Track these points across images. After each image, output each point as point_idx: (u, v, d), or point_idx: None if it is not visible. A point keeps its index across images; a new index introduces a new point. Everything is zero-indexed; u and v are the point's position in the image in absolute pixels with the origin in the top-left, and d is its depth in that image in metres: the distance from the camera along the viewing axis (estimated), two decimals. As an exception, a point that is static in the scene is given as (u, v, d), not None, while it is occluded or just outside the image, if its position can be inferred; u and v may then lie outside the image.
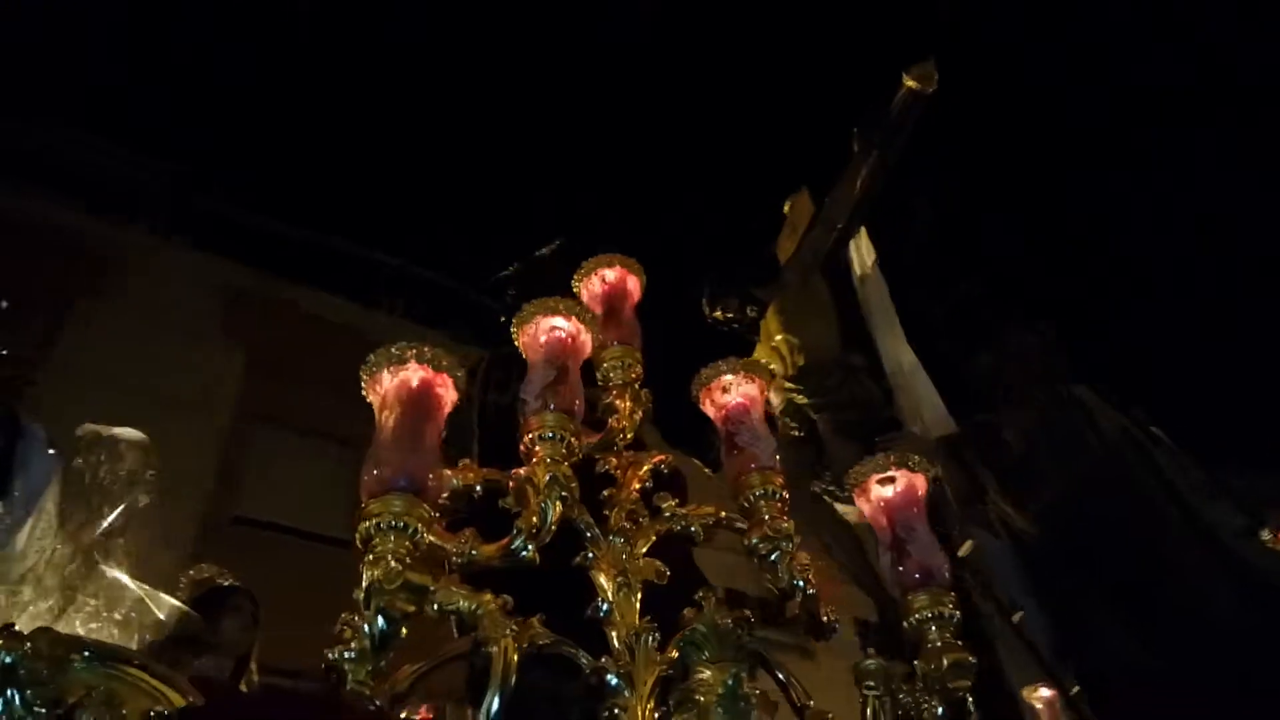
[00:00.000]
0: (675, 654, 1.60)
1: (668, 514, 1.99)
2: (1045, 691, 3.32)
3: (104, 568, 1.89)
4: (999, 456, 2.72)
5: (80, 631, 1.82)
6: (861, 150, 4.66)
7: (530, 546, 1.61)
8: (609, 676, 1.65)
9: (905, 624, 1.78)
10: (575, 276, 2.37)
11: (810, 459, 3.91)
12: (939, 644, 1.75)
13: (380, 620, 1.35)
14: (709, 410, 2.15)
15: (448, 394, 1.65)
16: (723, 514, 2.01)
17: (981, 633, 3.34)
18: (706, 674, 1.51)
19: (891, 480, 1.95)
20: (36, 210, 7.22)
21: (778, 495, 1.95)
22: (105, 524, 1.89)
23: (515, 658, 1.46)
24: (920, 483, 1.96)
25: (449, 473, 1.76)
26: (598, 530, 1.90)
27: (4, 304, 3.21)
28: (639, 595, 1.85)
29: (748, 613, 1.72)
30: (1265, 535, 2.39)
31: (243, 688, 2.62)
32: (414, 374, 1.61)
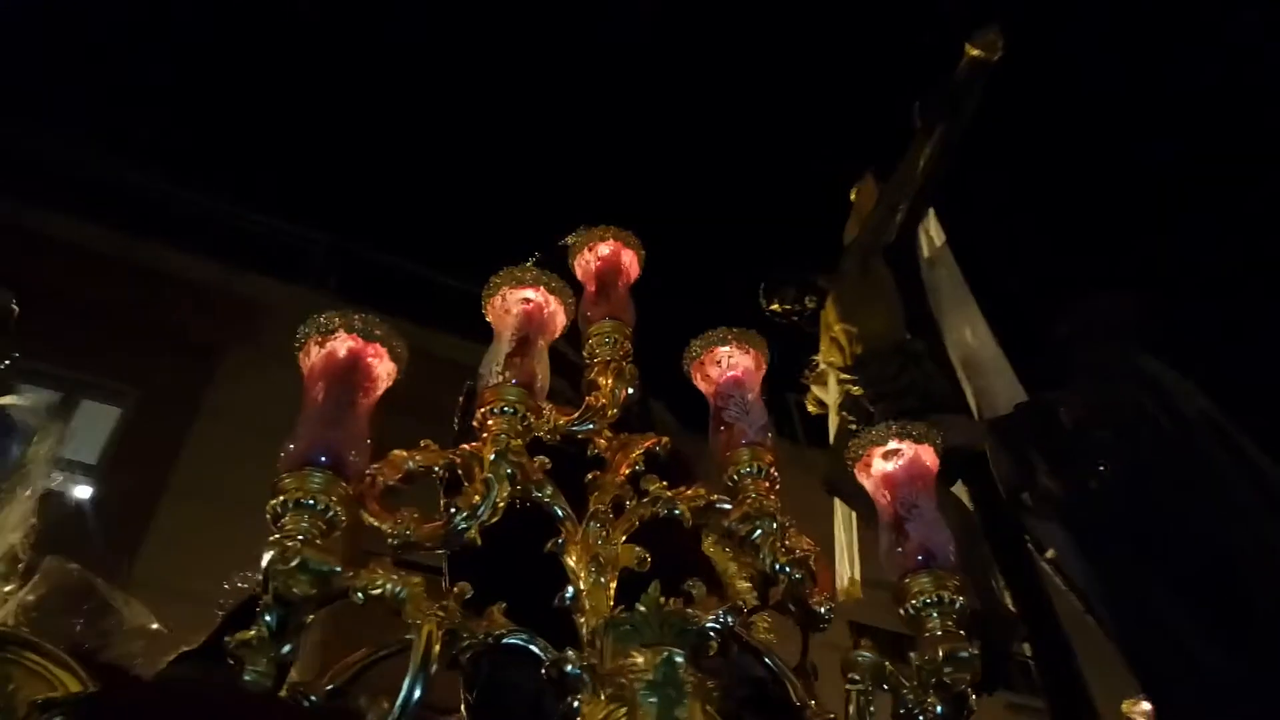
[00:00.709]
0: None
1: (650, 498, 1.84)
2: (1146, 705, 3.01)
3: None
4: (1051, 436, 2.46)
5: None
6: (923, 128, 4.40)
7: (469, 526, 1.49)
8: (568, 668, 1.51)
9: (902, 610, 1.59)
10: (571, 250, 2.26)
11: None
12: (939, 633, 1.55)
13: (276, 605, 1.24)
14: (700, 385, 2.00)
15: (381, 365, 1.55)
16: (713, 496, 1.85)
17: (1063, 640, 3.07)
18: (639, 659, 1.35)
19: (895, 453, 1.76)
20: (188, 265, 7.60)
21: (765, 473, 1.78)
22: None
23: (438, 645, 1.33)
24: (927, 455, 1.77)
25: (403, 453, 1.66)
26: (570, 513, 1.77)
27: None
28: (613, 582, 1.71)
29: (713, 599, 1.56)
30: None
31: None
32: (341, 344, 1.52)
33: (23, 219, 7.43)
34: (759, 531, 1.69)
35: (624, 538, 1.78)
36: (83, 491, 5.94)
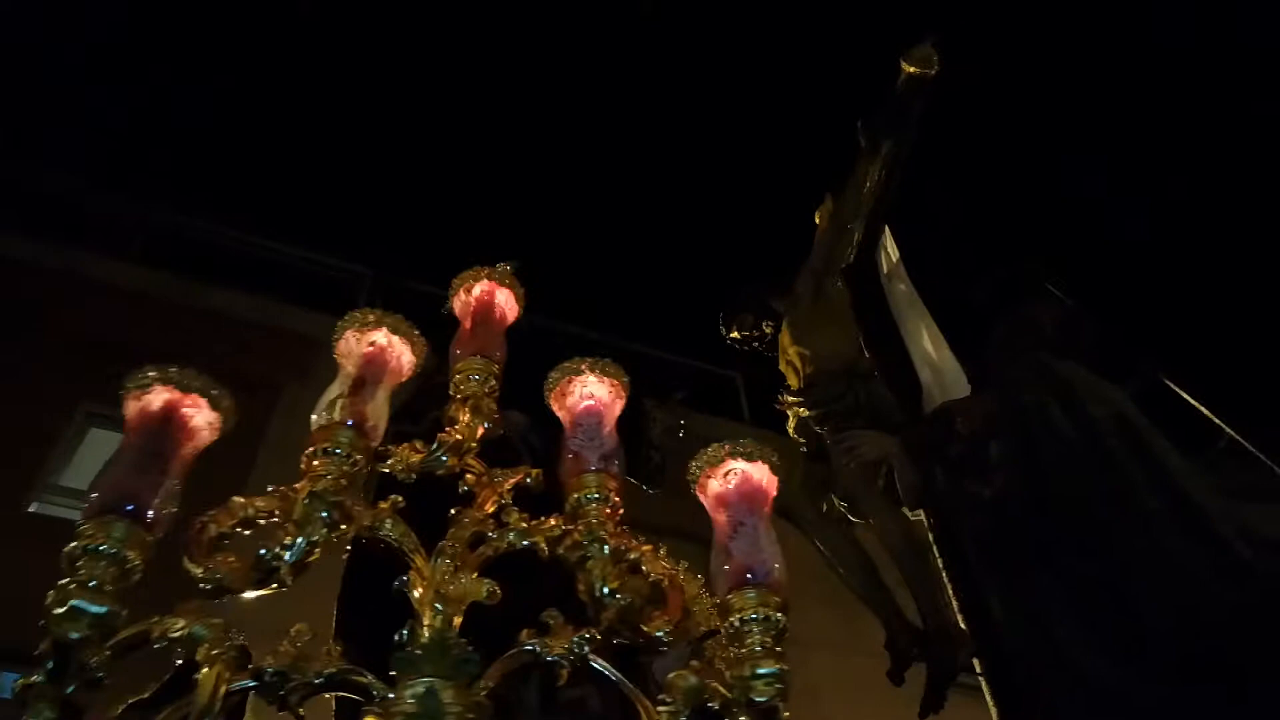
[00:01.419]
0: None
1: (505, 531, 1.86)
2: None
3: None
4: (950, 446, 2.44)
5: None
6: (868, 146, 4.41)
7: (278, 566, 1.53)
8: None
9: (722, 629, 1.59)
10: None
11: (821, 477, 3.66)
12: (757, 649, 1.55)
13: (54, 649, 1.29)
14: (560, 415, 2.02)
15: (200, 415, 1.60)
16: (568, 527, 1.87)
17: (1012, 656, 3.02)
18: (404, 690, 1.37)
19: (731, 473, 1.77)
20: (243, 304, 7.88)
21: (608, 499, 1.80)
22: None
23: (224, 688, 1.36)
24: (759, 472, 1.77)
25: (241, 500, 1.70)
26: (420, 549, 1.79)
27: None
28: (457, 618, 1.73)
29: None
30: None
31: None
32: (157, 397, 1.57)
33: (87, 270, 7.75)
34: (590, 558, 1.70)
35: (475, 573, 1.80)
36: None
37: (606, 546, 1.71)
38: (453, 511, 1.92)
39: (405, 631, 1.67)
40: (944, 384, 3.98)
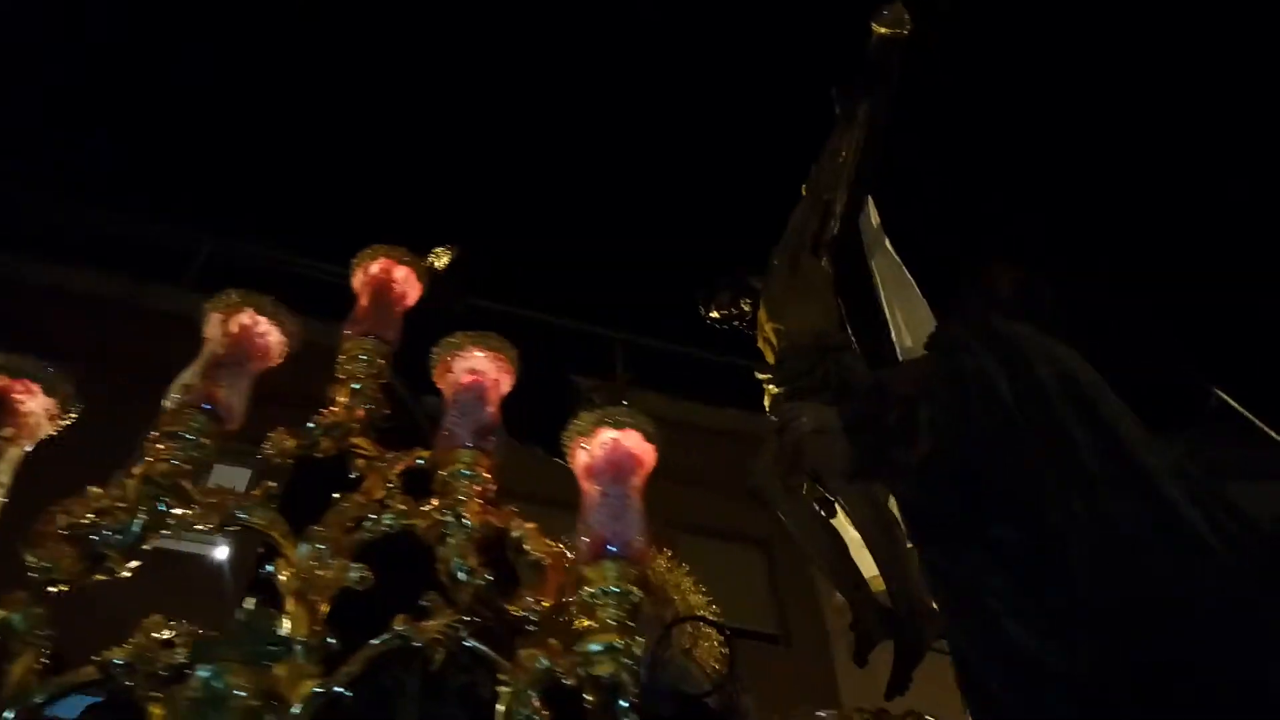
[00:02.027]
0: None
1: (382, 516, 1.79)
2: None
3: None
4: (884, 413, 2.32)
5: None
6: (843, 113, 4.27)
7: (108, 552, 1.48)
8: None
9: (574, 600, 1.50)
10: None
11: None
12: (611, 623, 1.46)
13: None
14: (444, 390, 1.95)
15: (34, 400, 1.56)
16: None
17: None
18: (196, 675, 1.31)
19: (598, 442, 1.69)
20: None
21: (479, 477, 1.72)
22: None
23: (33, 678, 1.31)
24: (630, 440, 1.68)
25: (98, 490, 1.65)
26: (289, 534, 1.73)
27: None
28: (324, 604, 1.67)
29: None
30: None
31: None
32: (-15, 383, 1.53)
33: (148, 301, 7.86)
34: (449, 535, 1.62)
35: (348, 558, 1.73)
36: (222, 552, 6.35)
37: (467, 522, 1.63)
38: (335, 496, 1.86)
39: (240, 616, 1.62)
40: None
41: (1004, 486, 2.04)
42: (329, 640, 1.46)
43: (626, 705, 1.39)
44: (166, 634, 1.51)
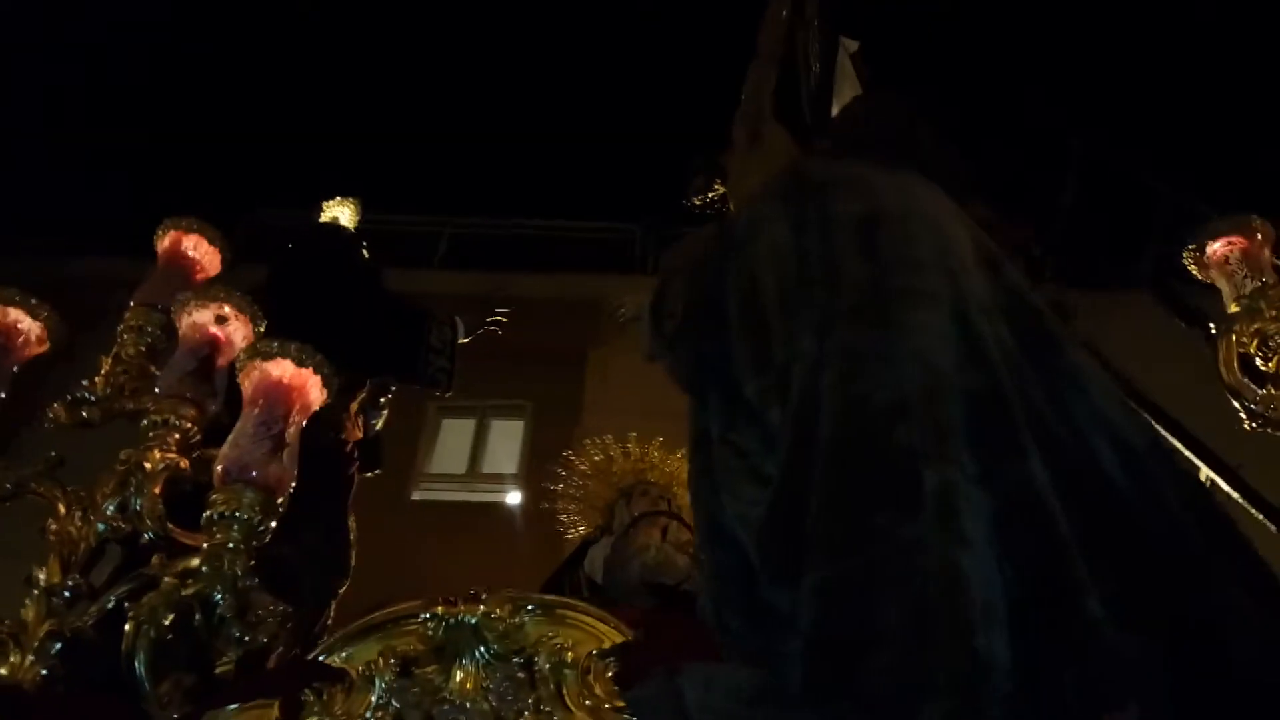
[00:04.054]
0: None
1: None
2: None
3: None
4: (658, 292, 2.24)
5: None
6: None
7: None
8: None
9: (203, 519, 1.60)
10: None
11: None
12: (229, 545, 1.56)
13: None
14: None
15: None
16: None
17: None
18: None
19: (252, 372, 1.77)
20: (542, 284, 8.30)
21: (177, 425, 1.86)
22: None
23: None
24: (279, 369, 1.75)
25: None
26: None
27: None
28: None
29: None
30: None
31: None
32: None
33: (402, 282, 8.56)
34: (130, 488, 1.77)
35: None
36: (513, 498, 7.02)
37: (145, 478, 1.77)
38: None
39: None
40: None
41: (750, 338, 1.91)
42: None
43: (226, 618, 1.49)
44: None
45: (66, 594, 1.77)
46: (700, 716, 1.28)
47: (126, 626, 1.53)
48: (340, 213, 3.16)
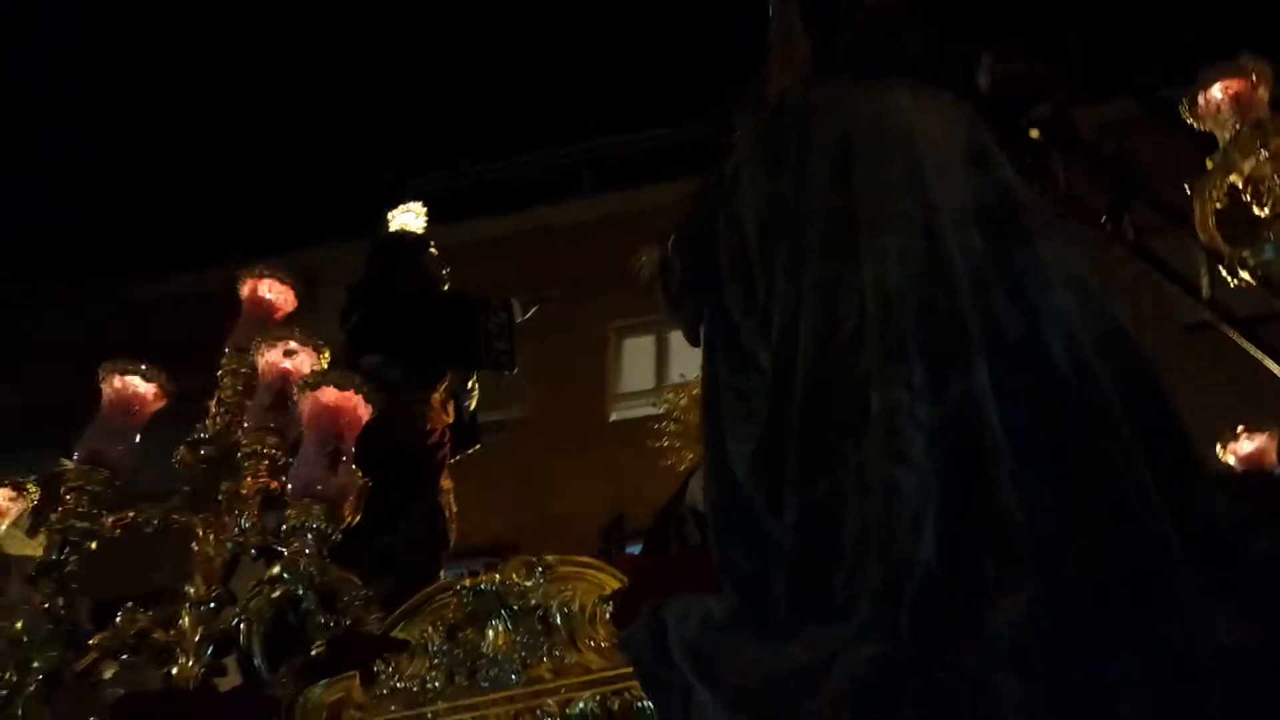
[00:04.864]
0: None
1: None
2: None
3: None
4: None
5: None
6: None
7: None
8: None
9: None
10: None
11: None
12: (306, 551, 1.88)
13: None
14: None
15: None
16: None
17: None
18: None
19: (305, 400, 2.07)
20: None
21: (265, 453, 2.21)
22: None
23: None
24: (330, 395, 2.04)
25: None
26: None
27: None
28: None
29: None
30: None
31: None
32: None
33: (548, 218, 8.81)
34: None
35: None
36: None
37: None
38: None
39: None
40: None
41: (740, 290, 2.05)
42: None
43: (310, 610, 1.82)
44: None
45: (212, 604, 2.18)
46: (676, 646, 1.49)
47: (240, 627, 1.90)
48: (406, 218, 3.45)
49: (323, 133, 9.81)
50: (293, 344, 2.36)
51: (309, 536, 1.89)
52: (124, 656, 2.26)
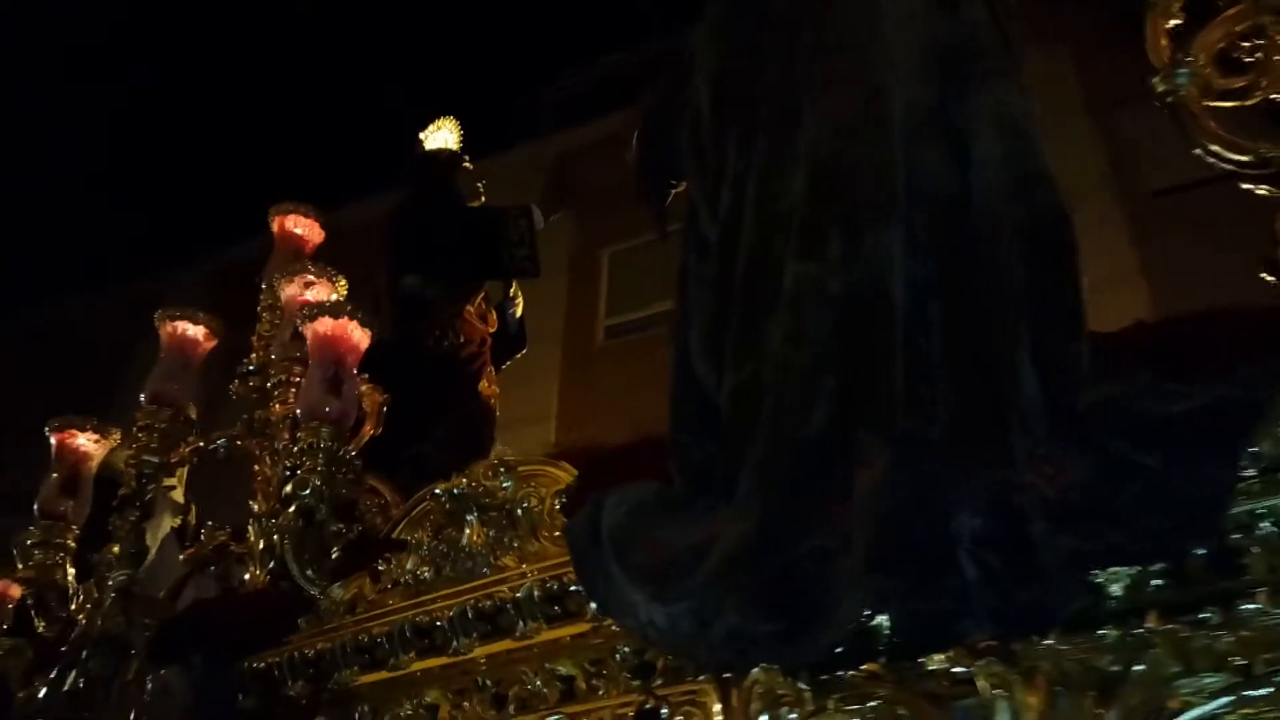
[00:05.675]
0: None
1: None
2: None
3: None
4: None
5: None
6: None
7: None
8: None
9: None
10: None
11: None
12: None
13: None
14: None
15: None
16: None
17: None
18: None
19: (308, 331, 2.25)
20: None
21: (291, 381, 2.42)
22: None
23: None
24: (325, 326, 2.21)
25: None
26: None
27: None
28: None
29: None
30: None
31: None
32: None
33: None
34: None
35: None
36: None
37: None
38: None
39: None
40: None
41: (698, 178, 2.05)
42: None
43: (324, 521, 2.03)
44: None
45: (274, 520, 2.44)
46: (607, 534, 1.60)
47: (274, 537, 2.14)
48: (437, 136, 3.56)
49: (323, 133, 10.00)
50: (309, 276, 2.54)
51: (319, 456, 2.10)
52: (210, 569, 2.59)
